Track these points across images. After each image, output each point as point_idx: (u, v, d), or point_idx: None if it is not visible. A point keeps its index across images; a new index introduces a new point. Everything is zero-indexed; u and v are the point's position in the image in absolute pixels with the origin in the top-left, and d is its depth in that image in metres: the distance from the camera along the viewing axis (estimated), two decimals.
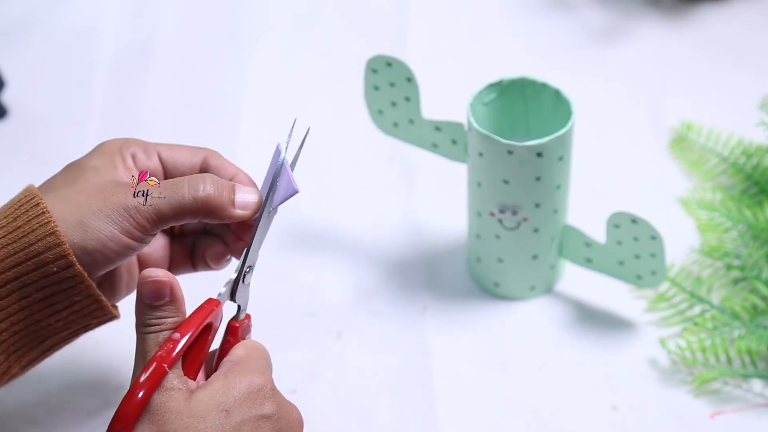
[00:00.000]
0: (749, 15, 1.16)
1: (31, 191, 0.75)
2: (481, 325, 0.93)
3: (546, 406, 0.88)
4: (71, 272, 0.74)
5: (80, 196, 0.74)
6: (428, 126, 0.92)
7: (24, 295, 0.74)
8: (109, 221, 0.73)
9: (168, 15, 1.18)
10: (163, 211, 0.74)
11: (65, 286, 0.74)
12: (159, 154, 0.79)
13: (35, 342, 0.76)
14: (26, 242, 0.73)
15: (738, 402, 0.88)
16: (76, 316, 0.76)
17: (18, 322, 0.75)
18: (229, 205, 0.75)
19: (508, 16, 1.18)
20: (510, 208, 0.88)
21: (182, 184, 0.75)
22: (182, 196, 0.74)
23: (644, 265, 0.89)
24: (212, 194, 0.75)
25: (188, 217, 0.75)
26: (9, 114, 1.09)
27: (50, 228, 0.73)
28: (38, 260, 0.73)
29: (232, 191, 0.76)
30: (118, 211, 0.74)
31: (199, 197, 0.74)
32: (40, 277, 0.74)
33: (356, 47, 1.14)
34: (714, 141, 1.03)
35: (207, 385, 0.71)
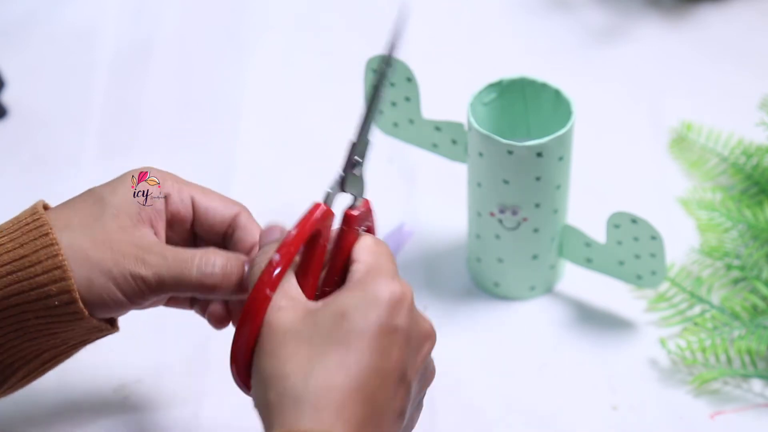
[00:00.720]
0: (749, 15, 1.16)
1: (41, 219, 0.73)
2: (481, 325, 0.93)
3: (546, 406, 0.88)
4: (73, 308, 0.73)
5: (92, 248, 0.73)
6: (428, 126, 0.92)
7: (21, 319, 0.73)
8: (114, 284, 0.73)
9: (168, 15, 1.18)
10: (165, 281, 0.73)
11: (65, 319, 0.73)
12: (193, 198, 0.77)
13: (32, 355, 0.76)
14: (32, 272, 0.72)
15: (738, 402, 0.88)
16: (75, 334, 0.75)
17: (15, 339, 0.74)
18: (237, 285, 0.74)
19: (508, 16, 1.18)
20: (510, 208, 0.88)
21: (192, 261, 0.73)
22: (189, 273, 0.73)
23: (644, 265, 0.89)
24: (218, 282, 0.74)
25: (188, 292, 0.74)
26: (9, 114, 1.09)
27: (58, 262, 0.72)
28: (41, 292, 0.72)
29: (240, 270, 0.74)
30: (124, 276, 0.72)
31: (205, 283, 0.74)
32: (40, 307, 0.73)
33: (356, 47, 1.14)
34: (714, 141, 1.03)
35: (336, 298, 0.67)
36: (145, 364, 0.90)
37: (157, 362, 0.90)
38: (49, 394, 0.88)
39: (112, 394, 0.88)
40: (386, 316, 0.67)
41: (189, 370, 0.90)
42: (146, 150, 1.06)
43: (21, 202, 0.98)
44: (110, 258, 0.73)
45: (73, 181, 1.03)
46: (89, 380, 0.89)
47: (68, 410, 0.87)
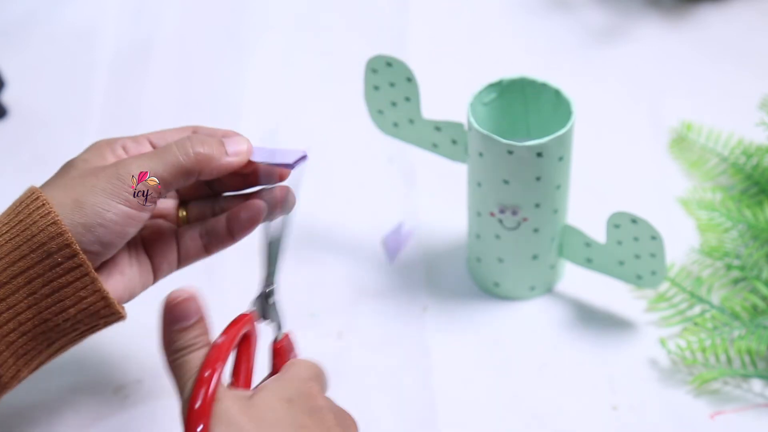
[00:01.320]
0: (749, 15, 1.16)
1: (32, 189, 0.75)
2: (481, 325, 0.93)
3: (546, 406, 0.88)
4: (76, 261, 0.73)
5: (73, 182, 0.75)
6: (428, 126, 0.92)
7: (32, 291, 0.74)
8: (104, 194, 0.74)
9: (168, 15, 1.18)
10: (159, 174, 0.75)
11: (71, 278, 0.74)
12: (149, 139, 0.79)
13: (44, 345, 0.76)
14: (29, 234, 0.73)
15: (738, 402, 0.88)
16: (84, 315, 0.75)
17: (26, 321, 0.74)
18: (222, 154, 0.77)
19: (508, 16, 1.18)
20: (510, 208, 0.88)
21: (171, 147, 0.76)
22: (175, 156, 0.75)
23: (644, 265, 0.89)
24: (202, 150, 0.76)
25: (184, 176, 0.75)
26: (9, 114, 1.09)
27: (51, 218, 0.73)
28: (42, 251, 0.73)
29: (220, 143, 0.77)
30: (111, 182, 0.74)
31: (190, 153, 0.76)
32: (45, 270, 0.73)
33: (356, 47, 1.14)
34: (714, 141, 1.03)
35: (262, 387, 0.71)
36: (145, 364, 0.90)
37: (157, 362, 0.90)
38: (49, 394, 0.88)
39: (112, 394, 0.88)
40: (306, 397, 0.71)
41: None
42: None
43: None
44: (92, 177, 0.74)
45: None
46: (89, 380, 0.89)
47: (68, 410, 0.87)
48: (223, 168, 0.77)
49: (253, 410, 0.69)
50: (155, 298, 0.94)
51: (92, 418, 0.87)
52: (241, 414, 0.69)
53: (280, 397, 0.70)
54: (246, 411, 0.69)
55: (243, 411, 0.69)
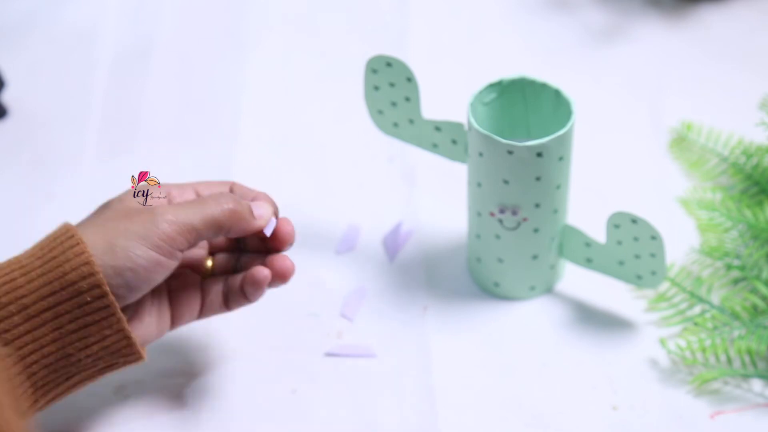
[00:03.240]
0: (749, 15, 1.16)
1: (67, 226, 0.76)
2: (481, 325, 0.93)
3: (546, 406, 0.88)
4: (104, 302, 0.74)
5: (107, 223, 0.76)
6: (428, 126, 0.92)
7: (57, 325, 0.75)
8: (136, 238, 0.75)
9: (168, 15, 1.18)
10: (193, 224, 0.76)
11: (98, 317, 0.75)
12: (195, 189, 0.82)
13: (63, 377, 0.77)
14: (61, 272, 0.74)
15: (738, 402, 0.88)
16: (106, 352, 0.77)
17: (49, 354, 0.75)
18: (250, 216, 0.79)
19: (508, 16, 1.18)
20: (510, 208, 0.88)
21: (209, 199, 0.78)
22: (211, 209, 0.77)
23: (644, 265, 0.89)
24: (235, 207, 0.78)
25: (216, 230, 0.78)
26: (9, 114, 1.09)
27: (85, 258, 0.74)
28: (73, 289, 0.74)
29: (248, 204, 0.80)
30: (144, 226, 0.75)
31: (225, 209, 0.78)
32: (74, 307, 0.75)
33: (356, 47, 1.14)
34: (714, 141, 1.03)
35: None
36: (145, 364, 0.90)
37: (157, 362, 0.90)
38: None
39: (112, 394, 0.88)
40: None
41: (189, 370, 0.90)
42: (146, 150, 1.06)
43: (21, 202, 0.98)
44: (127, 220, 0.76)
45: (73, 181, 1.03)
46: None
47: (68, 410, 0.87)
48: (249, 228, 0.80)
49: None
50: None
51: (92, 418, 0.87)
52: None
53: None
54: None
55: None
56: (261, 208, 0.81)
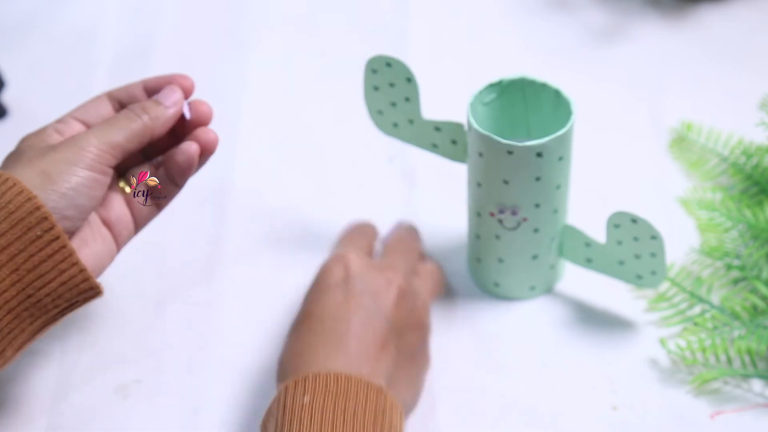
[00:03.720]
0: (749, 15, 1.16)
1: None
2: (481, 325, 0.93)
3: (546, 406, 0.88)
4: (54, 234, 0.75)
5: (33, 160, 0.78)
6: (428, 126, 0.92)
7: (14, 267, 0.75)
8: (68, 162, 0.77)
9: (168, 15, 1.18)
10: (118, 142, 0.79)
11: (50, 251, 0.76)
12: (73, 117, 0.83)
13: (27, 322, 0.77)
14: (6, 212, 0.75)
15: (738, 402, 0.88)
16: (64, 289, 0.77)
17: (11, 298, 0.76)
18: (163, 109, 0.82)
19: (508, 16, 1.18)
20: (510, 208, 0.88)
21: (122, 117, 0.81)
22: (130, 124, 0.80)
23: (644, 265, 0.89)
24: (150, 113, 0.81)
25: (139, 140, 0.80)
26: (9, 114, 1.09)
27: (26, 195, 0.75)
28: (22, 226, 0.75)
29: (156, 102, 0.83)
30: (72, 151, 0.77)
31: (142, 120, 0.81)
32: (26, 245, 0.75)
33: (356, 47, 1.14)
34: (714, 141, 1.03)
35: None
36: (145, 364, 0.90)
37: (157, 362, 0.90)
38: (49, 394, 0.88)
39: (112, 394, 0.88)
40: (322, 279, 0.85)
41: (189, 370, 0.90)
42: None
43: None
44: (52, 151, 0.78)
45: None
46: (89, 380, 0.89)
47: (68, 410, 0.87)
48: (168, 123, 0.82)
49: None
50: (155, 299, 0.94)
51: (92, 417, 0.87)
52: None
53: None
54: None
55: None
56: (169, 96, 0.83)
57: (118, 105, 0.84)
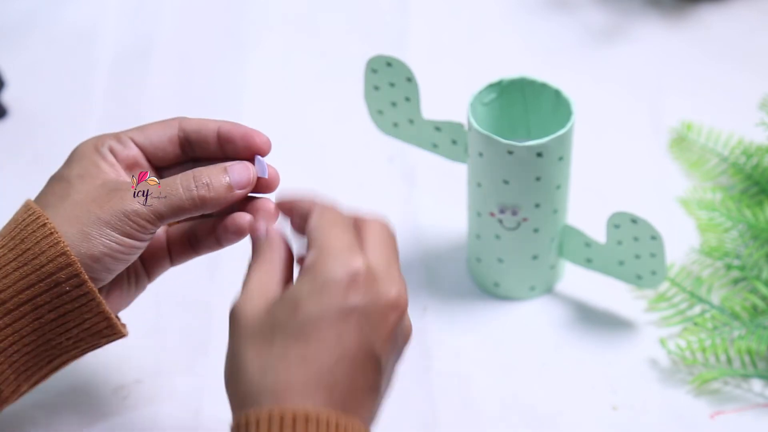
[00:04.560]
0: (749, 15, 1.16)
1: (33, 209, 0.75)
2: (481, 325, 0.93)
3: (546, 406, 0.88)
4: (83, 290, 0.74)
5: (76, 208, 0.75)
6: (428, 126, 0.92)
7: (37, 316, 0.74)
8: (109, 227, 0.74)
9: (168, 15, 1.18)
10: (161, 212, 0.75)
11: (77, 304, 0.75)
12: (133, 139, 0.79)
13: (45, 361, 0.77)
14: (37, 264, 0.74)
15: (738, 402, 0.88)
16: (86, 334, 0.76)
17: (30, 343, 0.75)
18: (226, 190, 0.75)
19: (508, 16, 1.18)
20: (510, 208, 0.88)
21: (177, 187, 0.75)
22: (179, 200, 0.75)
23: (644, 265, 0.89)
24: (206, 194, 0.75)
25: (183, 214, 0.75)
26: (9, 114, 1.09)
27: (60, 248, 0.73)
28: (50, 281, 0.74)
29: (224, 174, 0.76)
30: (117, 216, 0.74)
31: (194, 197, 0.75)
32: (52, 298, 0.74)
33: (356, 47, 1.14)
34: (714, 141, 1.03)
35: (291, 288, 0.67)
36: (145, 364, 0.90)
37: (157, 362, 0.90)
38: (49, 394, 0.88)
39: (112, 394, 0.88)
40: (340, 299, 0.66)
41: (189, 370, 0.90)
42: None
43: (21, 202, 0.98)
44: (97, 207, 0.74)
45: None
46: (89, 380, 0.89)
47: (68, 410, 0.87)
48: (226, 203, 0.76)
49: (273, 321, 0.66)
50: (155, 299, 0.94)
51: (92, 418, 0.87)
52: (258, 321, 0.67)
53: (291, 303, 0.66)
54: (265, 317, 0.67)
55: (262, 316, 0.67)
56: (241, 175, 0.76)
57: (185, 138, 0.79)
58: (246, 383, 0.65)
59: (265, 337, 0.66)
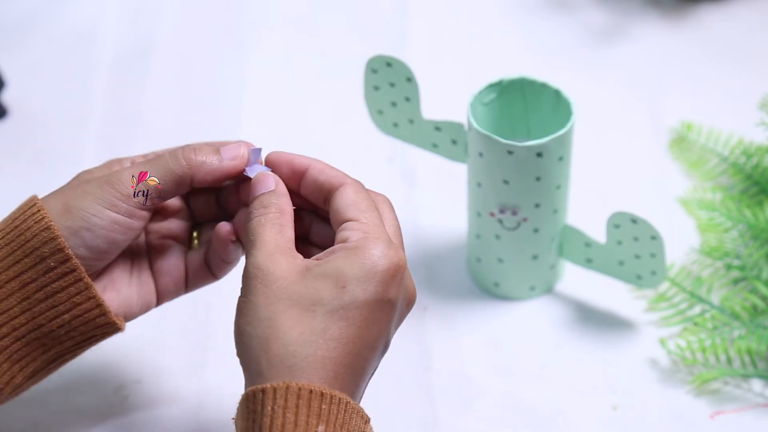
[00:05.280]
0: (749, 15, 1.16)
1: (32, 196, 0.75)
2: (481, 325, 0.93)
3: (546, 406, 0.88)
4: (69, 266, 0.73)
5: (68, 188, 0.75)
6: (428, 126, 0.92)
7: (25, 295, 0.74)
8: (92, 198, 0.73)
9: (168, 15, 1.18)
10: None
11: (64, 283, 0.74)
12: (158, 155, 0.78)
13: (39, 351, 0.76)
14: (23, 239, 0.73)
15: (738, 402, 0.88)
16: (79, 321, 0.75)
17: (20, 326, 0.74)
18: (216, 160, 0.75)
19: (508, 16, 1.18)
20: (510, 208, 0.88)
21: (163, 154, 0.75)
22: (166, 163, 0.74)
23: (644, 265, 0.89)
24: (194, 156, 0.75)
25: (176, 183, 0.75)
26: (9, 114, 1.09)
27: (45, 223, 0.73)
28: (35, 256, 0.73)
29: (215, 150, 0.76)
30: (100, 187, 0.74)
31: (181, 160, 0.75)
32: (38, 274, 0.73)
33: (356, 47, 1.14)
34: (714, 141, 1.03)
35: (334, 263, 0.69)
36: (145, 364, 0.90)
37: (157, 362, 0.90)
38: (49, 394, 0.88)
39: (112, 394, 0.88)
40: (382, 290, 0.69)
41: (189, 370, 0.90)
42: (146, 150, 1.06)
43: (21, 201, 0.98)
44: (84, 183, 0.74)
45: None
46: (89, 380, 0.89)
47: (69, 410, 0.87)
48: (217, 173, 0.75)
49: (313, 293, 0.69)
50: None
51: (92, 418, 0.87)
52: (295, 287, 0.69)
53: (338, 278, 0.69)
54: (303, 284, 0.69)
55: (298, 282, 0.69)
56: (232, 149, 0.76)
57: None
58: (282, 347, 0.67)
59: (305, 307, 0.68)
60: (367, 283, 0.69)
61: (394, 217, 0.75)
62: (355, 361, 0.68)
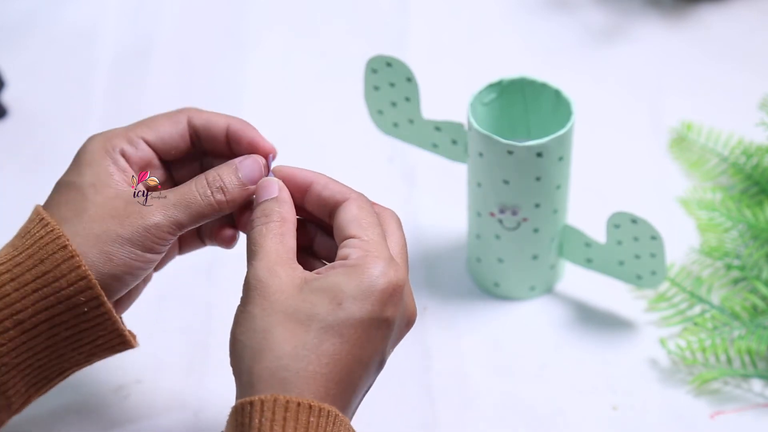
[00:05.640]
0: (749, 15, 1.16)
1: (49, 225, 0.73)
2: (481, 325, 0.93)
3: (546, 406, 0.88)
4: (101, 310, 0.73)
5: (95, 226, 0.73)
6: (428, 126, 0.92)
7: (53, 334, 0.74)
8: (131, 245, 0.73)
9: (168, 15, 1.18)
10: (181, 222, 0.74)
11: (93, 323, 0.74)
12: (144, 139, 0.77)
13: (55, 373, 0.76)
14: (57, 287, 0.72)
15: (738, 402, 0.88)
16: (99, 349, 0.76)
17: (43, 357, 0.74)
18: (241, 191, 0.75)
19: (508, 16, 1.18)
20: (510, 208, 0.88)
21: (192, 192, 0.75)
22: (197, 203, 0.74)
23: (644, 265, 0.89)
24: (222, 198, 0.75)
25: (206, 220, 0.75)
26: (9, 114, 1.09)
27: (81, 273, 0.72)
28: (70, 303, 0.73)
29: (235, 173, 0.75)
30: (138, 232, 0.73)
31: (212, 203, 0.75)
32: (70, 318, 0.73)
33: (356, 47, 1.14)
34: (714, 141, 1.03)
35: (331, 278, 0.69)
36: (145, 364, 0.90)
37: (157, 362, 0.90)
38: (49, 394, 0.88)
39: (112, 394, 0.88)
40: (379, 308, 0.69)
41: (189, 370, 0.90)
42: None
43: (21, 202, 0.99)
44: (117, 224, 0.73)
45: None
46: (89, 380, 0.89)
47: (69, 410, 0.87)
48: (240, 203, 0.76)
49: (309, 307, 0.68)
50: (155, 299, 0.94)
51: (92, 417, 0.87)
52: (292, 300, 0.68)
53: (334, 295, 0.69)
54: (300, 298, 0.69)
55: (295, 296, 0.69)
56: (247, 168, 0.76)
57: (194, 134, 0.78)
58: (275, 360, 0.67)
59: (300, 321, 0.68)
60: (363, 301, 0.69)
61: (400, 233, 0.74)
62: (347, 378, 0.68)
